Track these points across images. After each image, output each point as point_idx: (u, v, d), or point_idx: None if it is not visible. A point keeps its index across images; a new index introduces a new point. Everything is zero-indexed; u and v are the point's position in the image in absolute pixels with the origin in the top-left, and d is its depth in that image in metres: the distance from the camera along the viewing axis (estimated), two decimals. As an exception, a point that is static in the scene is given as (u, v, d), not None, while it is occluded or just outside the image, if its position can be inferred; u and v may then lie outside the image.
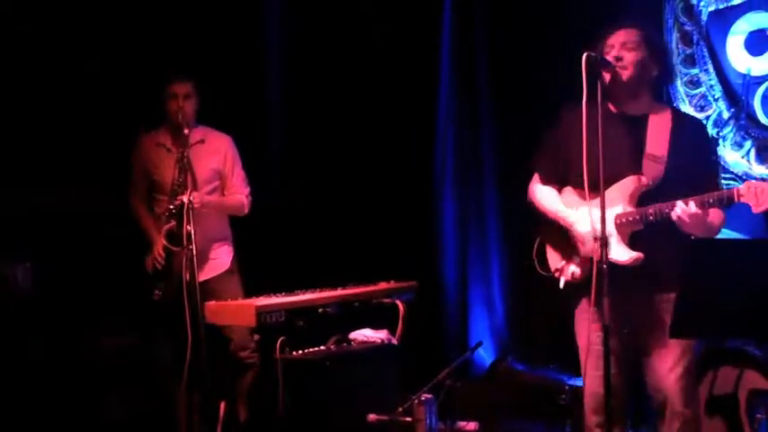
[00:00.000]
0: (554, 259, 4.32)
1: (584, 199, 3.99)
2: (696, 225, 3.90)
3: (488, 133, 7.03)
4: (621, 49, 4.10)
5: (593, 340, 4.04)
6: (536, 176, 4.46)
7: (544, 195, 4.38)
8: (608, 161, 3.82)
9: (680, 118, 4.27)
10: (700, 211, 3.87)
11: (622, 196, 4.05)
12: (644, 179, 4.06)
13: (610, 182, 3.94)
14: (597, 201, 3.88)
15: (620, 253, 3.98)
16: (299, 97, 6.95)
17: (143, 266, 5.58)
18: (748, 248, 3.81)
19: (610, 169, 3.85)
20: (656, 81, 4.24)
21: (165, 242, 5.42)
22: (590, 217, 3.99)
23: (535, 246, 4.42)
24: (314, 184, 6.88)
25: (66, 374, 5.72)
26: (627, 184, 4.07)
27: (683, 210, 3.87)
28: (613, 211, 4.03)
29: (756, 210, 3.82)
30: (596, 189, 3.87)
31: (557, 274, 4.26)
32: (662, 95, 4.31)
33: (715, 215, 4.02)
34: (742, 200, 3.84)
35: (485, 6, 7.01)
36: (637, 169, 4.09)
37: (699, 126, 4.48)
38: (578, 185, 4.12)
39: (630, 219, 4.03)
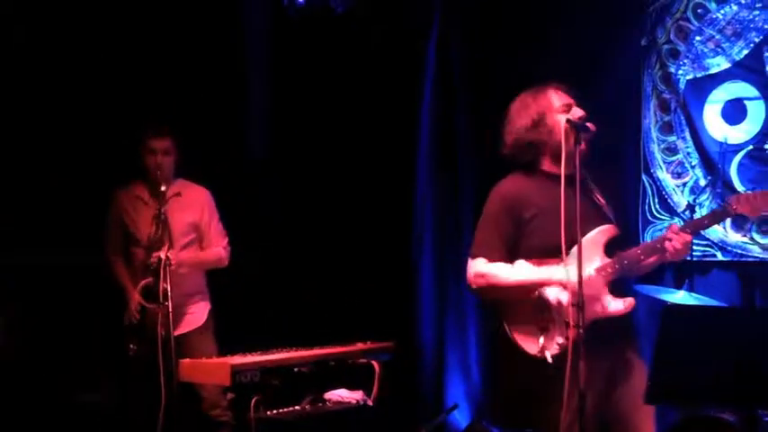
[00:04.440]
0: (530, 343, 4.02)
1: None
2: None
3: (468, 201, 7.02)
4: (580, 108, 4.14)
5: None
6: (478, 261, 4.13)
7: (504, 271, 4.07)
8: (572, 222, 3.79)
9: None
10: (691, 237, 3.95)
11: (597, 249, 4.01)
12: (614, 228, 4.08)
13: (575, 242, 3.82)
14: (570, 262, 3.84)
15: (616, 304, 3.94)
16: (280, 159, 6.97)
17: (120, 321, 5.54)
18: (723, 315, 3.83)
19: (576, 229, 3.80)
20: None
21: (139, 299, 5.39)
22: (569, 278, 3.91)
23: (499, 337, 4.11)
24: (293, 245, 6.87)
25: (40, 429, 5.66)
26: (599, 237, 4.03)
27: (676, 241, 3.91)
28: (592, 265, 3.97)
29: (754, 215, 3.92)
30: (558, 254, 3.85)
31: (539, 355, 3.96)
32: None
33: None
34: (739, 211, 3.95)
35: (465, 74, 7.03)
36: (602, 222, 4.08)
37: None
38: (531, 256, 4.04)
39: (609, 270, 3.99)
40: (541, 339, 3.96)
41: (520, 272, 4.04)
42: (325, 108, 6.96)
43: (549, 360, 3.92)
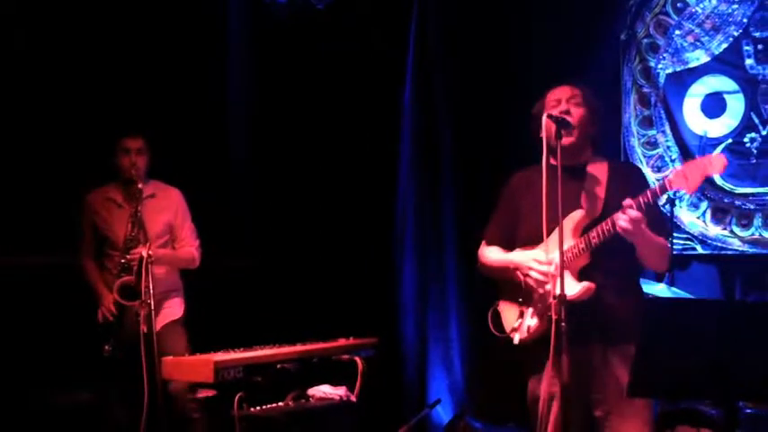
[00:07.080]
0: (509, 320, 4.26)
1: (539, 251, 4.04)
2: (640, 232, 3.89)
3: (448, 198, 7.04)
4: (568, 103, 4.14)
5: (552, 409, 4.03)
6: (482, 243, 4.48)
7: (491, 252, 4.39)
8: (553, 208, 3.82)
9: (616, 165, 4.31)
10: (640, 214, 3.86)
11: (568, 231, 4.02)
12: (582, 213, 4.07)
13: (556, 225, 3.90)
14: (548, 243, 3.91)
15: (570, 287, 3.90)
16: (263, 159, 6.95)
17: (95, 321, 5.51)
18: (704, 309, 3.84)
19: (556, 214, 3.84)
20: (593, 138, 4.25)
21: (117, 297, 5.35)
22: (545, 254, 4.00)
23: (490, 311, 4.35)
24: (277, 242, 6.87)
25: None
26: (570, 219, 4.05)
27: (623, 218, 3.86)
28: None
29: (690, 191, 3.89)
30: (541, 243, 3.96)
31: (512, 334, 4.20)
32: (600, 150, 4.35)
33: (658, 237, 4.03)
34: (674, 187, 3.87)
35: (446, 76, 7.03)
36: (578, 207, 4.10)
37: (634, 168, 4.54)
38: (528, 243, 4.16)
39: (576, 250, 4.01)
40: (517, 322, 4.21)
41: (495, 253, 4.36)
42: (308, 108, 6.95)
43: (516, 341, 4.18)
